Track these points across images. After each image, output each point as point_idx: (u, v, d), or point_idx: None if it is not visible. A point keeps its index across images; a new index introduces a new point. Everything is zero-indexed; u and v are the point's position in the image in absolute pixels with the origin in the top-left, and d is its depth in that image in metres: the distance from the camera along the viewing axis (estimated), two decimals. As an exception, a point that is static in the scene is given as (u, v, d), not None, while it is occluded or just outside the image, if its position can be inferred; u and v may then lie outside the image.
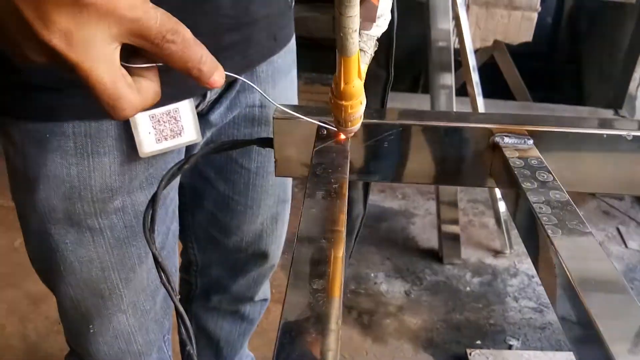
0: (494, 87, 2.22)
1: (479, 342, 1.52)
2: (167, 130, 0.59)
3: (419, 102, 2.26)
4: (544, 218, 0.42)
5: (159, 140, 0.59)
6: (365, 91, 0.45)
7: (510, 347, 1.51)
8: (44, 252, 0.64)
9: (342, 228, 0.38)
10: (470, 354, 1.45)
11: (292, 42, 0.76)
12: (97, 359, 0.73)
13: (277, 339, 0.29)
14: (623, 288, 0.35)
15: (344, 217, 0.39)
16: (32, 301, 1.53)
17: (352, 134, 0.50)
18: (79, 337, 0.72)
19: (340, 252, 0.35)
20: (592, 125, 0.53)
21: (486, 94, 1.79)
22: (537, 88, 2.64)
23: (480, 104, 1.75)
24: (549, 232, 0.40)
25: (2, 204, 1.75)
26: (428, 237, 1.95)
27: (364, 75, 0.44)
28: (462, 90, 1.88)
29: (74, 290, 0.66)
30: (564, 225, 0.41)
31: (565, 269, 0.36)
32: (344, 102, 0.44)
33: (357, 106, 0.45)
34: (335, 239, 0.37)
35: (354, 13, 0.37)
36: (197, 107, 0.64)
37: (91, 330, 0.70)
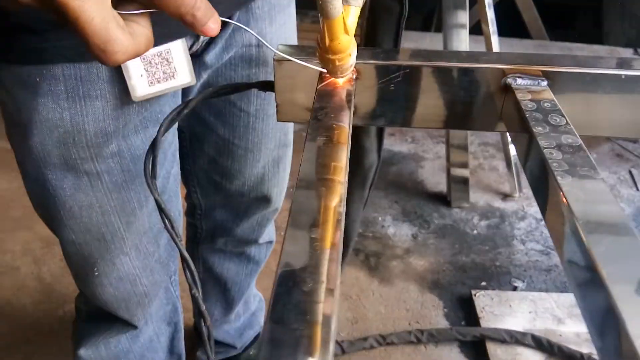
0: (510, 25, 2.13)
1: (484, 283, 1.54)
2: (160, 72, 0.57)
3: (432, 41, 2.19)
4: (554, 164, 0.40)
5: (151, 83, 0.57)
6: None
7: (515, 289, 1.53)
8: (43, 198, 0.64)
9: (338, 177, 0.36)
10: (475, 294, 1.47)
11: None
12: (103, 299, 0.75)
13: (273, 289, 0.29)
14: (629, 231, 0.34)
15: (341, 165, 0.37)
16: (45, 243, 1.56)
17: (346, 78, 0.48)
18: (85, 279, 0.73)
19: (335, 201, 0.34)
20: (610, 65, 0.50)
21: (502, 33, 1.72)
22: (555, 26, 2.53)
23: (495, 42, 1.68)
24: (559, 178, 0.38)
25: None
26: (437, 181, 1.94)
27: (352, 29, 0.42)
28: (477, 28, 1.80)
29: (75, 234, 0.66)
30: (574, 172, 0.39)
31: (573, 214, 0.35)
32: (330, 56, 0.43)
33: (346, 59, 0.43)
34: (331, 187, 0.35)
35: None
36: (190, 47, 0.61)
37: (96, 273, 0.71)
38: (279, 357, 0.25)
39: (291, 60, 0.48)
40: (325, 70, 0.47)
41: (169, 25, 0.52)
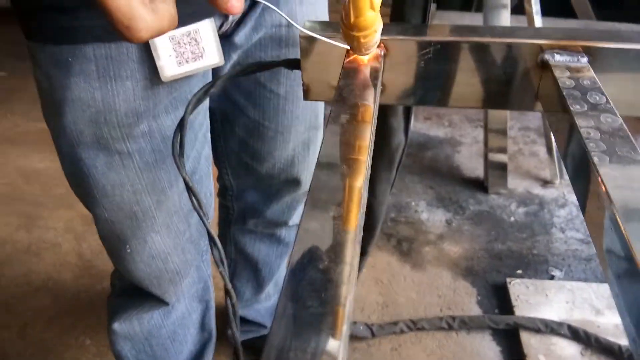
0: (555, 3, 2.05)
1: (520, 271, 1.51)
2: (188, 52, 0.57)
3: (472, 21, 2.13)
4: (592, 144, 0.38)
5: (180, 63, 0.57)
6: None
7: (552, 278, 1.49)
8: (78, 176, 0.66)
9: (363, 157, 0.35)
10: (510, 282, 1.44)
11: None
12: (136, 276, 0.77)
13: (288, 265, 0.28)
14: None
15: (365, 145, 0.36)
16: (86, 221, 1.61)
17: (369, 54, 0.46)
18: (118, 256, 0.75)
19: (359, 182, 0.33)
20: (657, 41, 0.47)
21: (545, 12, 1.65)
22: (602, 5, 2.41)
23: (538, 22, 1.62)
24: (596, 159, 0.36)
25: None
26: (474, 166, 1.89)
27: (378, 4, 0.40)
28: (519, 8, 1.74)
29: (108, 212, 0.68)
30: (613, 152, 0.37)
31: (610, 200, 0.33)
32: (355, 33, 0.41)
33: (371, 35, 0.41)
34: (354, 167, 0.34)
35: None
36: (220, 28, 0.61)
37: (128, 250, 0.72)
38: (293, 335, 0.25)
39: (317, 38, 0.47)
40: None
41: (196, 5, 0.52)
